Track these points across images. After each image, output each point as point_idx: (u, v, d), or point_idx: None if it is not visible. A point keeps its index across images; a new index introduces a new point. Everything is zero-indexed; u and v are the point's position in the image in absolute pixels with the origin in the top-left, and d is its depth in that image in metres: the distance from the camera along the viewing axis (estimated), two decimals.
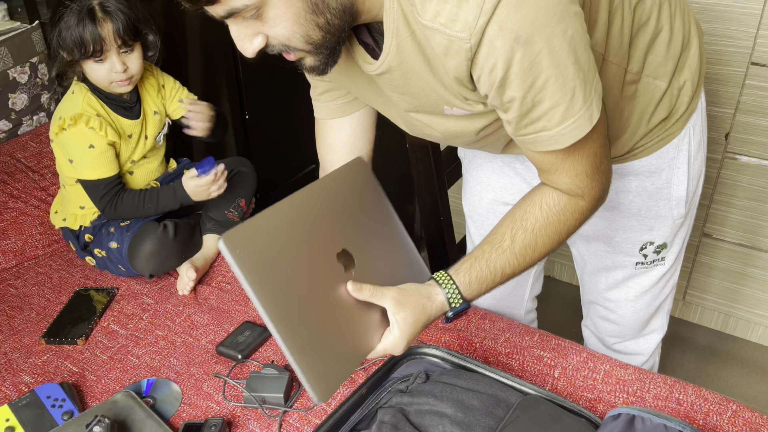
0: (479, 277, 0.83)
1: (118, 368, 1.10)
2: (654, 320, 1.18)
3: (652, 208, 1.00)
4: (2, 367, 1.11)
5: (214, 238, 1.40)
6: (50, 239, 1.47)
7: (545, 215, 0.81)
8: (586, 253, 1.14)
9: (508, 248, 0.82)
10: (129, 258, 1.29)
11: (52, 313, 1.24)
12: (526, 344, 1.09)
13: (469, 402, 0.85)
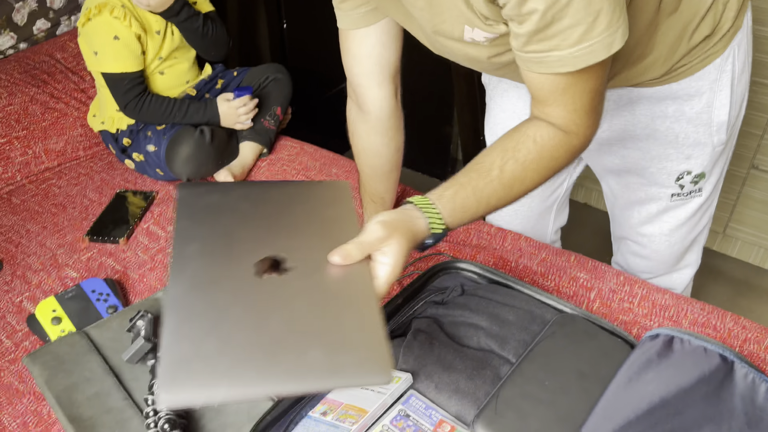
0: (464, 205, 0.76)
1: (159, 268, 1.13)
2: (688, 255, 1.15)
3: (690, 135, 0.96)
4: (48, 262, 1.15)
5: (251, 145, 1.39)
6: (91, 141, 1.48)
7: (538, 148, 0.76)
8: (616, 187, 1.10)
9: (497, 178, 0.77)
10: (167, 161, 1.30)
11: (94, 213, 1.26)
12: (562, 265, 1.08)
13: (504, 316, 0.86)
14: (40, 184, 1.36)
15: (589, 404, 0.70)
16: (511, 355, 0.80)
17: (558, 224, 1.32)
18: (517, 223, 1.27)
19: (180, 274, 0.64)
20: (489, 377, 0.77)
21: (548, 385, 0.73)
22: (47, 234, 1.21)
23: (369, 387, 0.78)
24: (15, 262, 1.15)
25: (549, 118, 0.76)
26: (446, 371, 0.78)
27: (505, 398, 0.72)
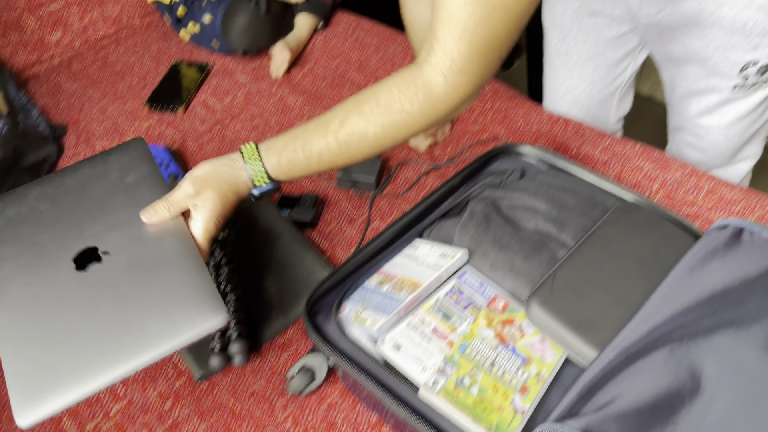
0: (291, 160, 0.74)
1: (217, 140, 1.14)
2: (747, 147, 1.10)
3: (760, 23, 0.88)
4: (110, 128, 1.17)
5: (306, 18, 1.35)
6: (146, 10, 1.46)
7: (389, 100, 0.71)
8: (676, 75, 1.04)
9: (333, 132, 0.73)
10: (222, 32, 1.28)
11: (151, 82, 1.27)
12: (626, 153, 1.04)
13: (564, 201, 0.84)
14: (98, 52, 1.36)
15: (647, 290, 0.70)
16: (569, 239, 0.80)
17: (621, 113, 1.27)
18: (577, 111, 1.22)
19: (1, 300, 0.64)
20: (545, 259, 0.77)
21: (606, 269, 0.73)
22: (108, 101, 1.23)
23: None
24: (79, 128, 1.17)
25: (429, 52, 0.69)
26: (502, 251, 0.79)
27: (561, 279, 0.72)
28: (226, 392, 0.79)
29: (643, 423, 0.59)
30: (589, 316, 0.69)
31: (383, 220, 0.99)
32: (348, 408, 0.77)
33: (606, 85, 1.19)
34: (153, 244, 0.69)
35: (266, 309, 0.86)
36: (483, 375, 0.66)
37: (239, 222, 0.97)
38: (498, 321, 0.72)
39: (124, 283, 0.65)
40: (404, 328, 0.72)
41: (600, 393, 0.62)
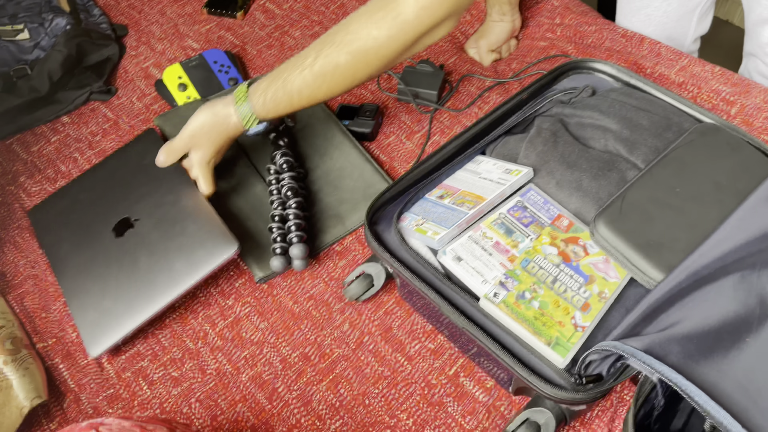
0: (274, 98, 0.77)
1: (276, 46, 1.12)
2: None
3: None
4: (170, 31, 1.16)
5: None
6: None
7: (358, 27, 0.71)
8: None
9: (309, 66, 0.74)
10: None
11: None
12: (704, 75, 0.98)
13: (637, 120, 0.80)
14: None
15: (722, 216, 0.67)
16: (640, 161, 0.77)
17: (699, 32, 1.19)
18: (651, 29, 1.15)
19: (63, 271, 0.83)
20: (614, 179, 0.75)
21: (680, 192, 0.70)
22: (167, 3, 1.21)
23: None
24: (139, 28, 1.17)
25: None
26: (569, 169, 0.76)
27: (631, 200, 0.70)
28: (286, 294, 0.81)
29: (706, 346, 0.59)
30: (658, 238, 0.67)
31: (443, 135, 0.97)
32: (404, 316, 0.78)
33: (685, 1, 1.11)
34: (171, 206, 0.85)
35: (324, 217, 0.87)
36: (544, 290, 0.66)
37: (299, 132, 0.96)
38: (561, 239, 0.71)
39: (154, 239, 0.82)
40: (466, 241, 0.72)
41: (664, 315, 0.62)
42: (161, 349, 0.78)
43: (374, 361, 0.75)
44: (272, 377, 0.75)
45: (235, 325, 0.79)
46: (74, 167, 0.97)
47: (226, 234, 0.79)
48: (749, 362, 0.58)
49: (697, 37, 1.20)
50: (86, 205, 0.89)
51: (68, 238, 0.86)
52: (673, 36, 1.16)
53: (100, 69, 1.08)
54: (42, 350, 0.79)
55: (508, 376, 0.68)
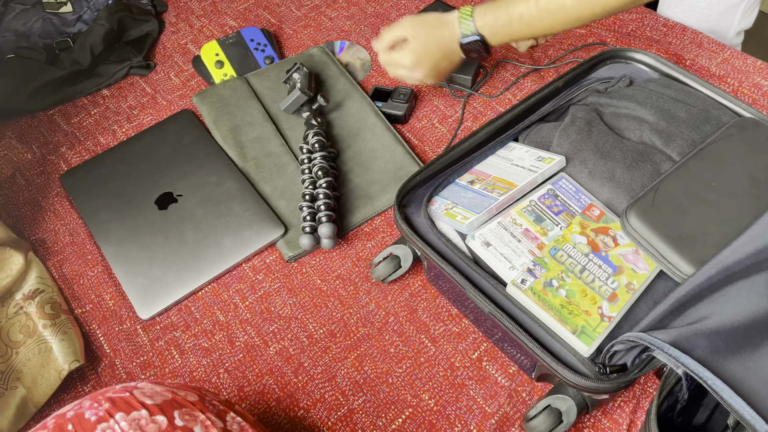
0: (496, 15, 0.82)
1: (313, 26, 1.12)
2: None
3: None
4: (209, 8, 1.17)
5: None
6: None
7: None
8: None
9: (535, 1, 0.79)
10: None
11: None
12: (745, 69, 0.96)
13: (675, 112, 0.79)
14: None
15: (757, 211, 0.66)
16: (676, 154, 0.76)
17: (743, 26, 1.16)
18: (693, 21, 1.13)
19: (106, 238, 0.86)
20: (648, 171, 0.74)
21: (715, 186, 0.69)
22: None
23: None
24: (179, 5, 1.18)
25: None
26: (602, 159, 0.76)
27: (664, 192, 0.69)
28: (314, 272, 0.83)
29: (734, 343, 0.58)
30: (691, 231, 0.66)
31: (476, 120, 0.97)
32: (430, 298, 0.79)
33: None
34: (215, 185, 0.89)
35: (354, 197, 0.88)
36: (572, 279, 0.66)
37: (333, 112, 0.97)
38: (591, 229, 0.71)
39: (199, 215, 0.86)
40: (495, 227, 0.72)
41: (692, 309, 0.61)
42: (193, 320, 0.80)
43: (399, 341, 0.76)
44: (299, 352, 0.76)
45: (264, 300, 0.81)
46: (113, 139, 0.99)
47: (273, 217, 0.85)
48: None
49: (740, 30, 1.17)
50: (125, 176, 0.91)
51: (107, 206, 0.88)
52: (716, 29, 1.14)
53: (140, 44, 1.09)
54: (80, 315, 0.81)
55: (531, 363, 0.68)
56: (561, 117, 0.86)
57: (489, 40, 0.84)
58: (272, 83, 1.00)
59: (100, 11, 1.07)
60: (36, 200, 0.93)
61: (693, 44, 1.01)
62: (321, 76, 1.01)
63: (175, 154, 0.93)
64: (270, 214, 0.86)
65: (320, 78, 1.01)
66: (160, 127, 0.97)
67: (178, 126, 0.97)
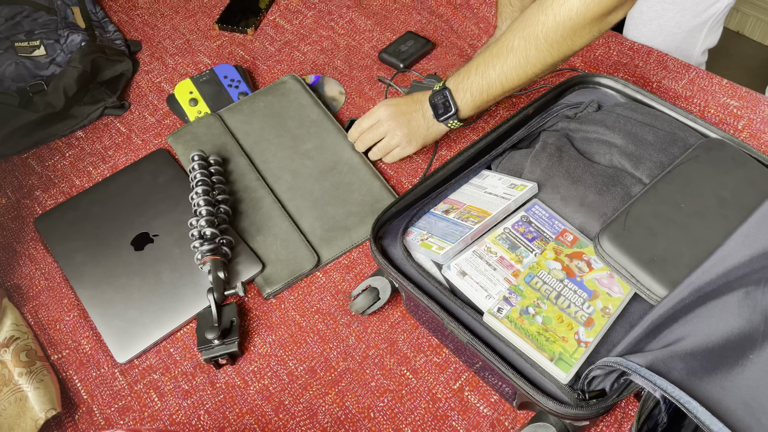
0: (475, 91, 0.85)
1: (286, 61, 1.14)
2: None
3: None
4: (182, 46, 1.18)
5: None
6: None
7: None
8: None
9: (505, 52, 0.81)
10: None
11: (222, 1, 1.26)
12: (711, 89, 0.99)
13: (643, 135, 0.81)
14: None
15: (726, 231, 0.67)
16: (645, 176, 0.77)
17: (707, 45, 1.19)
18: (661, 40, 1.15)
19: (81, 281, 0.85)
20: (619, 194, 0.75)
21: (684, 207, 0.71)
22: (180, 19, 1.23)
23: (490, 191, 0.79)
24: (152, 44, 1.19)
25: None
26: (574, 184, 0.77)
27: (635, 215, 0.70)
28: (293, 308, 0.82)
29: (710, 363, 0.59)
30: (662, 254, 0.67)
31: (450, 149, 0.98)
32: (410, 329, 0.79)
33: (698, 13, 1.11)
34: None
35: (332, 230, 0.88)
36: (548, 305, 0.67)
37: (308, 143, 0.97)
38: (565, 254, 0.72)
39: (176, 255, 0.86)
40: (470, 256, 0.72)
41: (667, 331, 0.62)
42: (173, 362, 0.79)
43: (380, 374, 0.76)
44: (279, 390, 0.75)
45: (243, 338, 0.80)
46: (88, 181, 0.99)
47: (250, 254, 0.85)
48: (753, 379, 0.58)
49: (705, 48, 1.20)
50: (100, 218, 0.91)
51: (82, 249, 0.88)
52: (683, 47, 1.17)
53: (114, 84, 1.10)
54: (56, 362, 0.80)
55: (512, 391, 0.68)
56: (532, 144, 0.87)
57: (453, 91, 0.87)
58: (245, 116, 1.01)
59: (74, 53, 1.07)
60: (10, 245, 0.92)
61: (659, 66, 1.04)
62: (293, 105, 1.02)
63: (150, 193, 0.93)
64: (247, 251, 0.85)
65: (293, 107, 1.02)
66: (135, 167, 0.97)
67: (154, 165, 0.97)
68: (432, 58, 1.11)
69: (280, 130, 0.99)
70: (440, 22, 1.18)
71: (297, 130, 0.99)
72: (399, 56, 1.10)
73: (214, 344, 0.77)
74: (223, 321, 0.79)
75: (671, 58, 1.05)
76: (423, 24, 1.18)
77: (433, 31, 1.16)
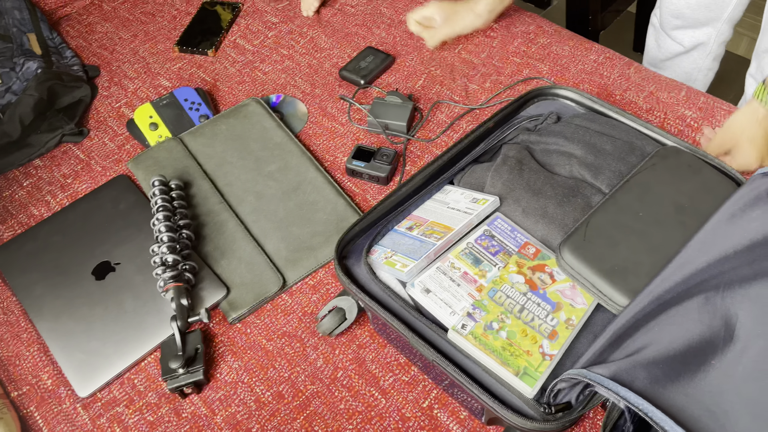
0: None
1: (247, 81, 1.13)
2: None
3: None
4: (142, 70, 1.17)
5: None
6: None
7: None
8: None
9: None
10: None
11: (182, 23, 1.25)
12: (670, 101, 1.00)
13: (601, 145, 0.82)
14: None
15: (684, 238, 0.68)
16: (605, 186, 0.78)
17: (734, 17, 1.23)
18: None
19: (41, 314, 0.83)
20: (579, 205, 0.76)
21: (642, 215, 0.71)
22: (139, 42, 1.22)
23: (454, 207, 0.79)
24: (111, 69, 1.17)
25: None
26: (535, 196, 0.77)
27: (595, 225, 0.71)
28: (259, 332, 0.81)
29: (672, 370, 0.59)
30: (622, 263, 0.68)
31: (415, 165, 0.98)
32: (377, 349, 0.78)
33: None
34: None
35: (297, 251, 0.87)
36: (512, 320, 0.66)
37: (272, 164, 0.97)
38: (528, 267, 0.72)
39: (139, 282, 0.84)
40: (434, 272, 0.72)
41: (630, 340, 0.62)
42: (137, 393, 0.77)
43: (348, 396, 0.75)
44: (246, 417, 0.74)
45: (209, 365, 0.79)
46: (47, 210, 0.97)
47: (214, 279, 0.84)
48: (716, 385, 0.58)
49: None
50: (60, 248, 0.89)
51: (42, 280, 0.86)
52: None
53: (72, 111, 1.08)
54: (16, 399, 0.78)
55: (480, 407, 0.68)
56: (494, 157, 0.88)
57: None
58: (207, 139, 1.00)
59: (30, 81, 1.05)
60: None
61: (622, 78, 1.05)
62: (256, 128, 1.01)
63: (111, 221, 0.91)
64: (211, 275, 0.84)
65: (255, 129, 1.01)
66: (96, 195, 0.95)
67: (114, 192, 0.95)
68: (393, 72, 1.12)
69: (243, 153, 0.98)
70: (399, 33, 1.18)
71: (260, 152, 0.98)
72: (359, 73, 1.10)
73: (178, 373, 0.75)
74: (187, 349, 0.77)
75: (635, 69, 1.06)
76: (383, 38, 1.18)
77: (393, 44, 1.17)
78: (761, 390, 0.56)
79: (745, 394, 0.57)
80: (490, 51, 1.13)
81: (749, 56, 1.93)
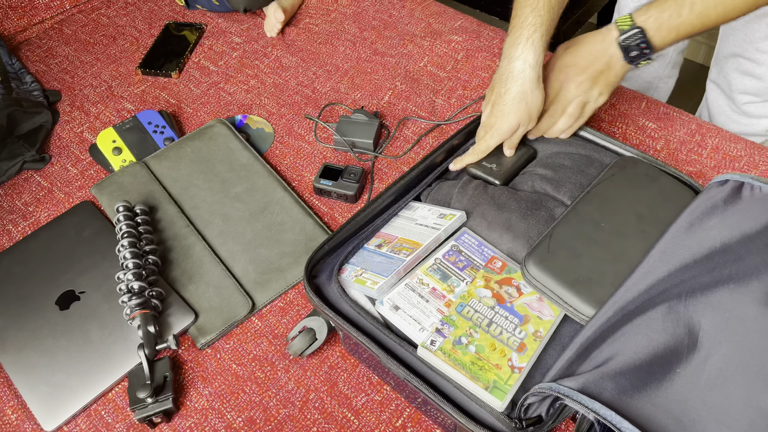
0: (661, 9, 0.76)
1: (212, 103, 1.12)
2: None
3: None
4: (104, 94, 1.16)
5: None
6: None
7: None
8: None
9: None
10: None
11: (145, 45, 1.24)
12: (630, 112, 1.02)
13: (560, 162, 0.83)
14: (90, 14, 1.33)
15: (645, 246, 0.69)
16: (567, 198, 0.79)
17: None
18: None
19: (3, 347, 0.80)
20: (543, 217, 0.77)
21: (604, 226, 0.72)
22: (101, 65, 1.21)
23: (420, 223, 0.79)
24: (73, 93, 1.16)
25: None
26: (499, 210, 0.78)
27: (558, 238, 0.72)
28: (229, 357, 0.80)
29: (639, 380, 0.60)
30: (587, 274, 0.68)
31: (382, 182, 0.98)
32: (349, 369, 0.78)
33: None
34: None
35: (266, 272, 0.87)
36: (480, 334, 0.67)
37: (238, 186, 0.96)
38: (495, 281, 0.72)
39: (104, 311, 0.83)
40: (402, 289, 0.72)
41: (597, 352, 0.63)
42: (104, 425, 0.76)
43: (321, 418, 0.74)
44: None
45: (178, 392, 0.77)
46: (8, 240, 0.95)
47: (182, 304, 0.82)
48: (682, 393, 0.59)
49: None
50: (22, 278, 0.87)
51: (3, 313, 0.84)
52: None
53: (32, 137, 1.06)
54: None
55: (453, 424, 0.68)
56: (460, 173, 0.88)
57: (652, 34, 0.77)
58: (172, 163, 0.99)
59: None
60: None
61: None
62: (222, 150, 1.01)
63: (75, 248, 0.90)
64: (179, 301, 0.83)
65: (221, 151, 1.00)
66: (59, 222, 0.93)
67: (78, 219, 0.94)
68: (358, 88, 1.12)
69: (209, 175, 0.98)
70: (363, 49, 1.19)
71: (226, 174, 0.98)
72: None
73: (147, 403, 0.74)
74: (155, 377, 0.76)
75: None
76: (347, 55, 1.19)
77: (357, 59, 1.17)
78: (725, 396, 0.58)
79: (709, 401, 0.58)
80: (455, 65, 1.15)
81: (708, 64, 1.98)
